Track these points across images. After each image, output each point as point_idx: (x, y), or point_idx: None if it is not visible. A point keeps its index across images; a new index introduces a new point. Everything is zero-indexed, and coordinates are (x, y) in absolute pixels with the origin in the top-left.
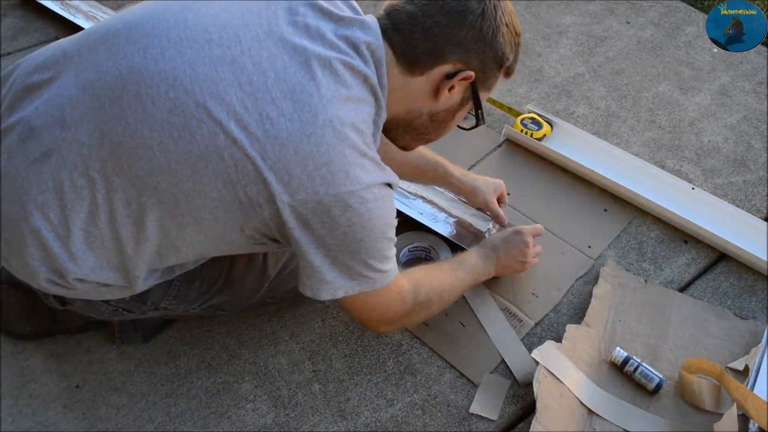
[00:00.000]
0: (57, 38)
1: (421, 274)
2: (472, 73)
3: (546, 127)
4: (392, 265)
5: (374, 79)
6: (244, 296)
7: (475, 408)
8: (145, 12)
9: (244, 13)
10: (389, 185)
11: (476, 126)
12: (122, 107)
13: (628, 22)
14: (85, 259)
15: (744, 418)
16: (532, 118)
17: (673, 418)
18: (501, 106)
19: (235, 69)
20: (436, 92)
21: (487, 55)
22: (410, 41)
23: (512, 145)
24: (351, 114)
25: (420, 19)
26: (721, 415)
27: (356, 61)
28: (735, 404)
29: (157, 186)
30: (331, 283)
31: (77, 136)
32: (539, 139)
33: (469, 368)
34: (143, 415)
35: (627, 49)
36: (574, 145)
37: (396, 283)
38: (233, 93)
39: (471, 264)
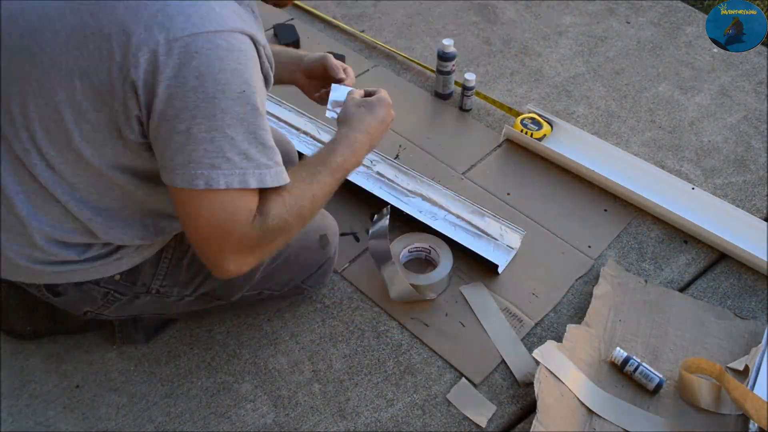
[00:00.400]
0: None
1: (274, 193)
2: None
3: (546, 127)
4: (267, 159)
5: None
6: (236, 282)
7: (482, 421)
8: None
9: None
10: (249, 36)
11: None
12: None
13: (628, 22)
14: (41, 220)
15: (744, 418)
16: (532, 118)
17: (673, 418)
18: (501, 106)
19: None
20: None
21: None
22: None
23: (512, 145)
24: None
25: None
26: (721, 415)
27: None
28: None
29: (33, 115)
30: (184, 165)
31: None
32: (539, 139)
33: (469, 368)
34: (143, 415)
35: (627, 49)
36: (574, 145)
37: (249, 199)
38: None
39: (334, 162)
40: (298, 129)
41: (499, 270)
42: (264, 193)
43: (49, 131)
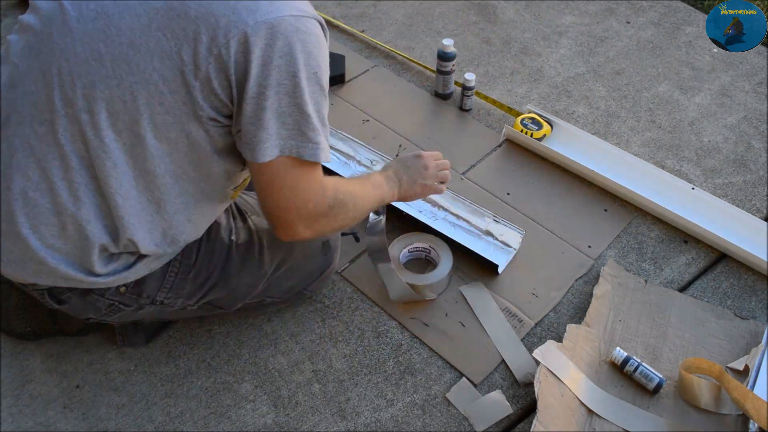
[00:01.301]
0: None
1: (335, 179)
2: None
3: (546, 127)
4: (325, 137)
5: None
6: (240, 292)
7: (481, 427)
8: None
9: None
10: (319, 23)
11: None
12: (53, 39)
13: (628, 22)
14: (77, 209)
15: (744, 419)
16: (532, 118)
17: (673, 418)
18: (501, 106)
19: None
20: None
21: None
22: None
23: (512, 145)
24: None
25: None
26: (721, 415)
27: None
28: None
29: (102, 97)
30: (268, 138)
31: (25, 88)
32: (539, 139)
33: (469, 368)
34: (143, 415)
35: (627, 49)
36: (574, 145)
37: (321, 173)
38: None
39: (377, 181)
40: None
41: (499, 270)
42: (332, 178)
43: (114, 113)
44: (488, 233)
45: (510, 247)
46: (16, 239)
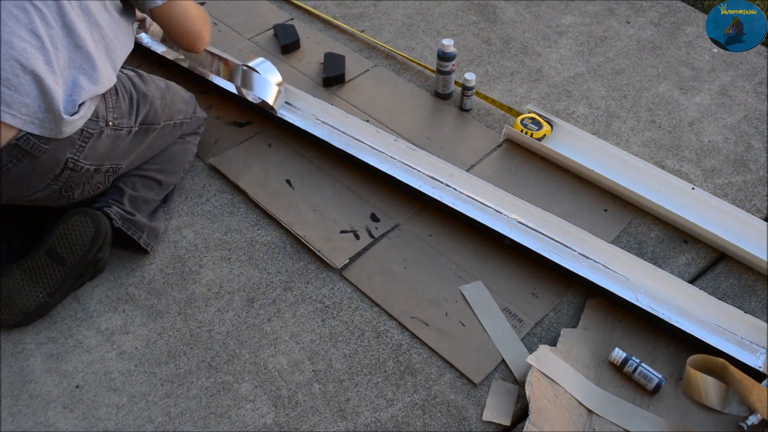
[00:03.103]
0: None
1: None
2: None
3: (546, 127)
4: None
5: None
6: (157, 104)
7: (487, 415)
8: None
9: None
10: None
11: None
12: None
13: (628, 22)
14: (58, 60)
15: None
16: (532, 118)
17: (673, 418)
18: (501, 106)
19: None
20: None
21: None
22: None
23: (512, 145)
24: None
25: None
26: (721, 414)
27: None
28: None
29: None
30: None
31: None
32: (539, 139)
33: (469, 368)
34: (143, 415)
35: (627, 49)
36: (574, 145)
37: None
38: None
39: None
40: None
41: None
42: None
43: None
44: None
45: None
46: (33, 78)
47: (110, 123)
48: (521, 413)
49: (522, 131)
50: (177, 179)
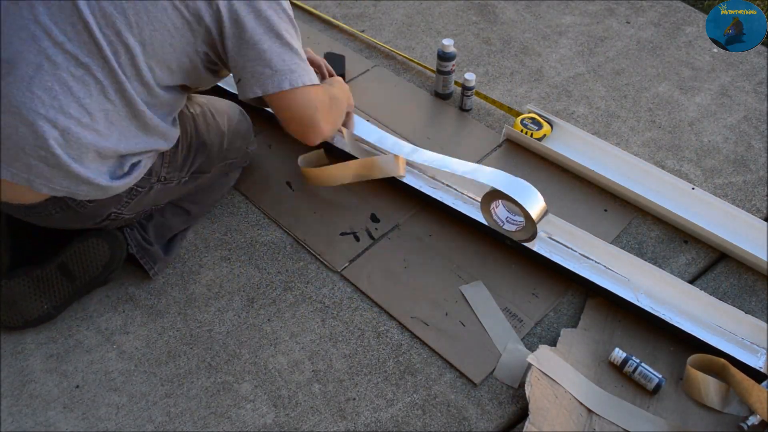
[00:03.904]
0: None
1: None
2: None
3: (546, 127)
4: (304, 61)
5: None
6: (213, 152)
7: (498, 374)
8: None
9: None
10: None
11: None
12: None
13: (628, 22)
14: (110, 134)
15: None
16: (532, 118)
17: (673, 418)
18: (501, 106)
19: None
20: None
21: None
22: None
23: (512, 145)
24: None
25: None
26: (722, 415)
27: None
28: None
29: (128, 43)
30: (272, 77)
31: (53, 39)
32: (539, 139)
33: (469, 368)
34: (143, 415)
35: (627, 49)
36: (574, 145)
37: (312, 84)
38: None
39: (332, 83)
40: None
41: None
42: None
43: (135, 55)
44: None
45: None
46: (67, 171)
47: (162, 178)
48: (521, 413)
49: (522, 131)
50: (207, 211)
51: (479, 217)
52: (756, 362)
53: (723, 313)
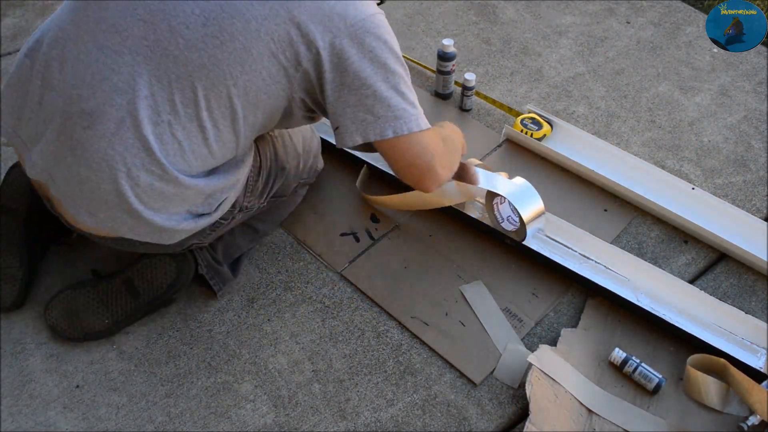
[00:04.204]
0: None
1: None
2: None
3: (546, 127)
4: (417, 105)
5: None
6: (290, 175)
7: (498, 374)
8: None
9: None
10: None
11: None
12: (163, 47)
13: (628, 22)
14: (193, 180)
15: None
16: (532, 118)
17: (673, 419)
18: (501, 106)
19: None
20: None
21: None
22: None
23: (512, 145)
24: None
25: None
26: (722, 415)
27: None
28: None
29: (220, 95)
30: (374, 123)
31: (138, 93)
32: (539, 139)
33: (469, 368)
34: (143, 415)
35: (627, 49)
36: (574, 145)
37: (424, 129)
38: None
39: (443, 126)
40: None
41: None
42: None
43: (228, 107)
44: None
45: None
46: (150, 224)
47: (244, 208)
48: (521, 413)
49: (522, 131)
50: (274, 229)
51: (479, 217)
52: (756, 362)
53: (723, 313)
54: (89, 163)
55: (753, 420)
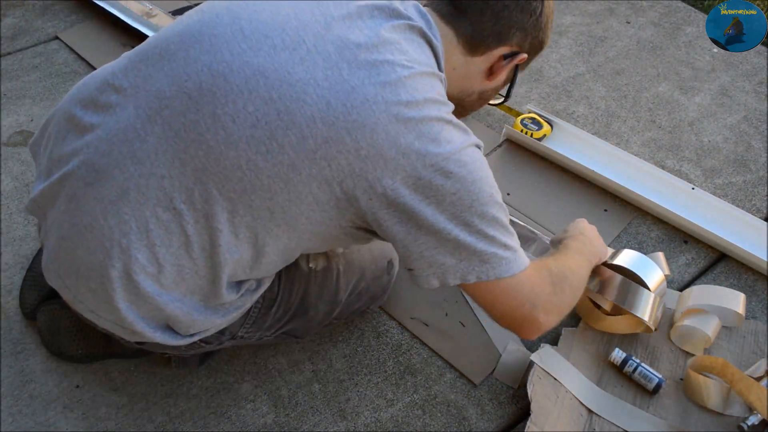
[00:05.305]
0: (57, 38)
1: (541, 260)
2: (526, 56)
3: (546, 127)
4: (517, 240)
5: (433, 60)
6: (316, 320)
7: (498, 374)
8: (195, 26)
9: (297, 13)
10: (478, 147)
11: (504, 102)
12: (200, 131)
13: (628, 22)
14: (177, 291)
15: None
16: (532, 118)
17: (673, 419)
18: (501, 106)
19: (307, 67)
20: (491, 72)
21: (537, 39)
22: (478, 24)
23: (512, 145)
24: (428, 87)
25: (490, 3)
26: (722, 415)
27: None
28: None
29: (251, 204)
30: (455, 267)
31: (155, 170)
32: (539, 139)
33: (469, 368)
34: (143, 415)
35: (627, 49)
36: (574, 145)
37: (525, 268)
38: (312, 92)
39: (574, 246)
40: None
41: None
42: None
43: (257, 218)
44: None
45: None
46: (115, 311)
47: (237, 337)
48: (521, 413)
49: (522, 131)
50: (278, 340)
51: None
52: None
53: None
54: (78, 223)
55: (753, 420)
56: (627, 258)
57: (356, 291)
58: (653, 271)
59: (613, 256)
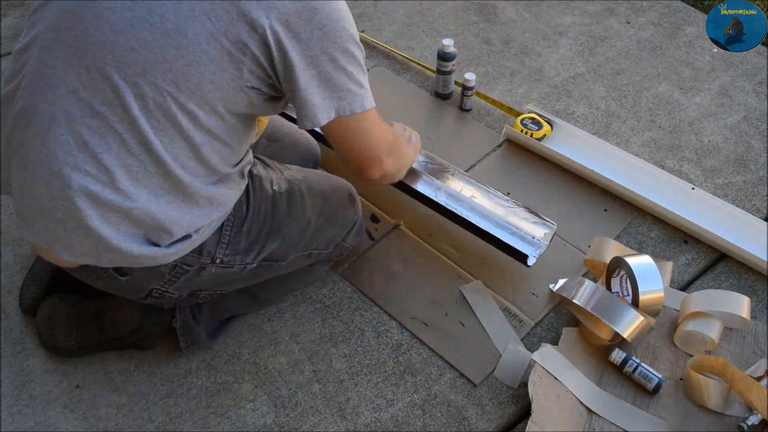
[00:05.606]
0: None
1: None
2: None
3: (546, 127)
4: (366, 84)
5: None
6: (291, 240)
7: (498, 374)
8: None
9: None
10: None
11: None
12: (90, 34)
13: (628, 22)
14: (138, 194)
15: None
16: (532, 118)
17: (673, 419)
18: (501, 106)
19: None
20: None
21: None
22: None
23: (512, 145)
24: None
25: None
26: (722, 415)
27: None
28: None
29: (155, 82)
30: (321, 104)
31: (69, 86)
32: (539, 139)
33: (469, 368)
34: (143, 415)
35: (627, 49)
36: (574, 145)
37: (374, 111)
38: None
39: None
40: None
41: (529, 262)
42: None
43: (167, 95)
44: (517, 226)
45: (538, 239)
46: (88, 233)
47: (217, 261)
48: (521, 413)
49: (522, 131)
50: (278, 301)
51: (478, 218)
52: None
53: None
54: (26, 165)
55: (753, 419)
56: (638, 261)
57: (324, 214)
58: (653, 284)
59: (631, 256)
